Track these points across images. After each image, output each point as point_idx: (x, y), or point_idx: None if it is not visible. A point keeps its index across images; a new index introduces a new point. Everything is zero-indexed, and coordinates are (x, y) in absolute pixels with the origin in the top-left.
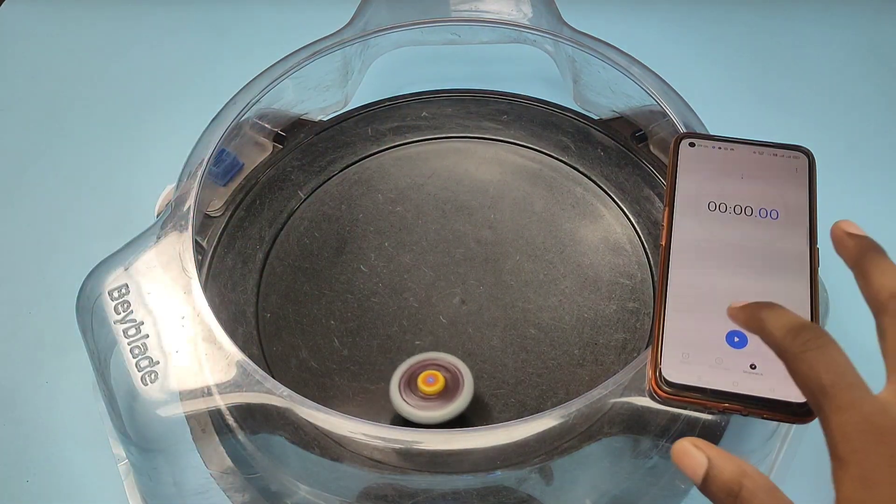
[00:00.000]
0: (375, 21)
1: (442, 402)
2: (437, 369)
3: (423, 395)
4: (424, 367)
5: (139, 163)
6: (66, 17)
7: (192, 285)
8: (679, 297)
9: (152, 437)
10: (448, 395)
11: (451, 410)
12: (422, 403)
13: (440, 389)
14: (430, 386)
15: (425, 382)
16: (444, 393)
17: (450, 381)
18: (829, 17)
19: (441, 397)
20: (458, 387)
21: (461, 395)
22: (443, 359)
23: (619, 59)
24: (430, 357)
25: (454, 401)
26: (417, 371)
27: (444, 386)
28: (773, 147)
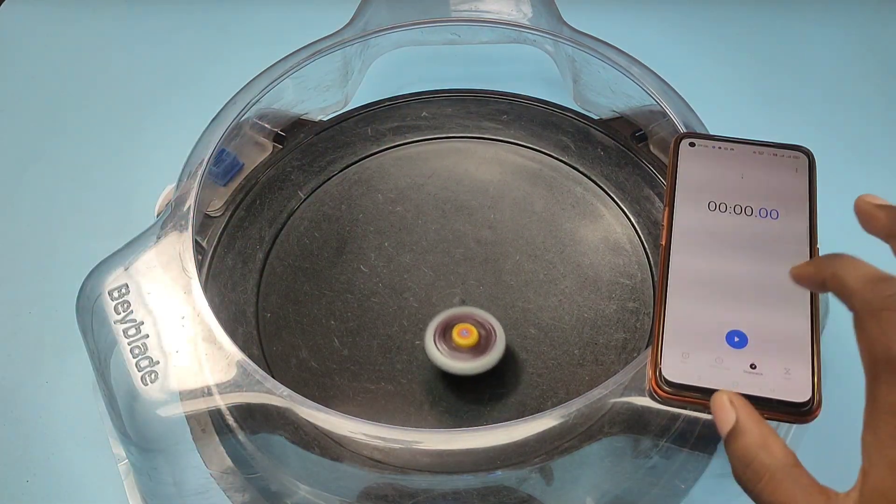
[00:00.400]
0: (375, 21)
1: (474, 354)
2: (472, 324)
3: (457, 347)
4: (460, 320)
5: (139, 163)
6: (66, 17)
7: (192, 285)
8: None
9: (152, 437)
10: (480, 350)
11: (484, 363)
12: (455, 354)
13: (474, 343)
14: (464, 339)
15: (459, 335)
16: (476, 347)
17: (483, 336)
18: (829, 17)
19: (474, 350)
20: (490, 342)
21: (493, 349)
22: (479, 315)
23: (619, 59)
24: (465, 311)
25: (486, 355)
26: (453, 323)
27: (477, 340)
28: (773, 147)
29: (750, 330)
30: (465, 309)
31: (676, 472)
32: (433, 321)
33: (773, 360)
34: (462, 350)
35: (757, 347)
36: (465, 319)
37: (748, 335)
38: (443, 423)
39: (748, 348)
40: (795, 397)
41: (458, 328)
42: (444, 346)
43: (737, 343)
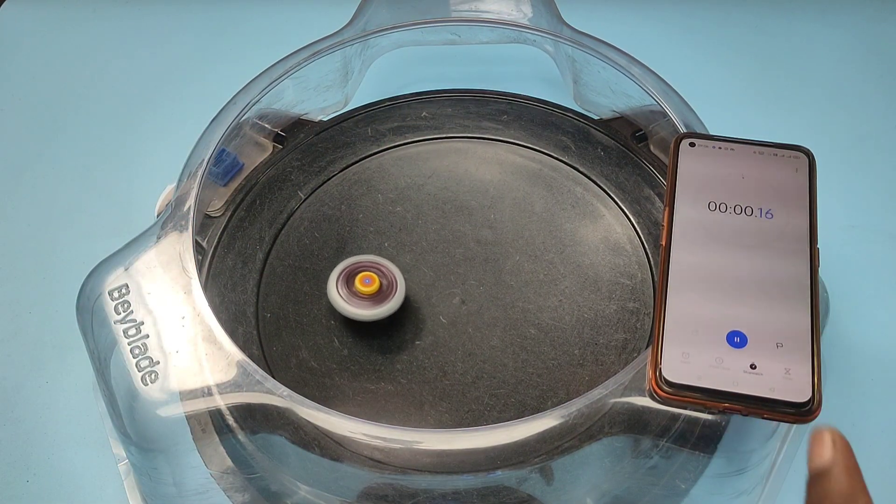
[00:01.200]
0: (375, 21)
1: (374, 302)
2: (374, 272)
3: (359, 294)
4: (363, 268)
5: (139, 163)
6: (66, 17)
7: (193, 285)
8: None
9: (152, 437)
10: (381, 298)
11: (382, 311)
12: (356, 301)
13: (375, 291)
14: (366, 286)
15: (362, 283)
16: (377, 295)
17: (384, 285)
18: (828, 17)
19: (374, 298)
20: (391, 291)
21: (393, 299)
22: (380, 263)
23: (619, 59)
24: (367, 259)
25: (385, 304)
26: (356, 271)
27: (378, 288)
28: (773, 147)
29: (750, 330)
30: (369, 257)
31: (676, 472)
32: (336, 268)
33: (773, 360)
34: (363, 297)
35: (757, 347)
36: (368, 268)
37: (748, 335)
38: (443, 423)
39: (748, 348)
40: (795, 397)
41: (361, 276)
42: (345, 292)
43: (737, 343)
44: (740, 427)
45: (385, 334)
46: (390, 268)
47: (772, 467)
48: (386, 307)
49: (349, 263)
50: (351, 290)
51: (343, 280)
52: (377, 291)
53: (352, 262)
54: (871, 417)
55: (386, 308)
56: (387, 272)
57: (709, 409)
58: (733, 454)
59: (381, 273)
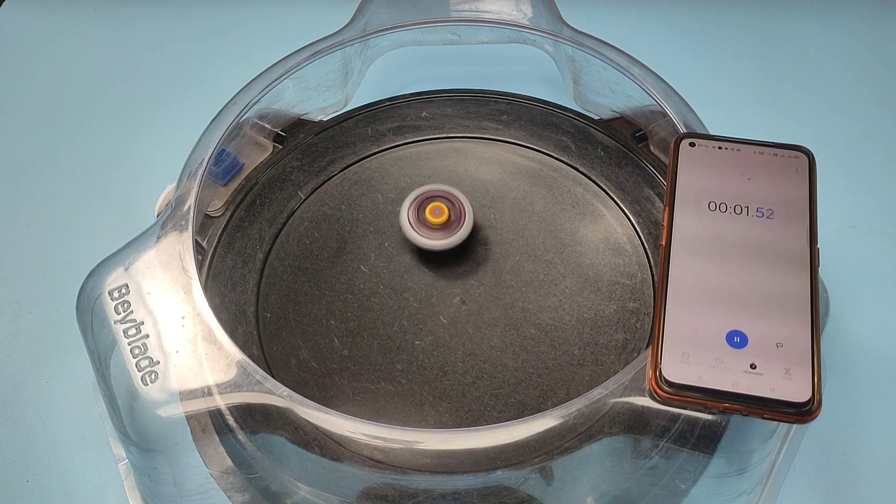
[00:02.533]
0: (375, 21)
1: (446, 232)
2: (442, 202)
3: (430, 225)
4: (431, 198)
5: (139, 163)
6: (66, 18)
7: (193, 285)
8: (679, 296)
9: (152, 437)
10: (451, 227)
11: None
12: (427, 232)
13: (444, 220)
14: (436, 217)
15: (432, 214)
16: (447, 224)
17: (453, 213)
18: (829, 18)
19: (445, 228)
20: (460, 219)
21: (463, 226)
22: (448, 191)
23: (619, 59)
24: (436, 188)
25: (456, 232)
26: (425, 202)
27: (447, 218)
28: (773, 147)
29: (750, 330)
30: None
31: (676, 472)
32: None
33: (773, 360)
34: (433, 227)
35: (757, 347)
36: (436, 198)
37: (748, 335)
38: (443, 423)
39: (748, 348)
40: (795, 397)
41: (431, 207)
42: (417, 222)
43: (737, 343)
44: (740, 427)
45: (385, 334)
46: (460, 198)
47: (772, 467)
48: (454, 237)
49: (419, 193)
50: (421, 220)
51: (414, 209)
52: (446, 222)
53: (422, 192)
54: (871, 417)
55: (454, 238)
56: (456, 202)
57: (709, 409)
58: (733, 454)
59: (450, 203)
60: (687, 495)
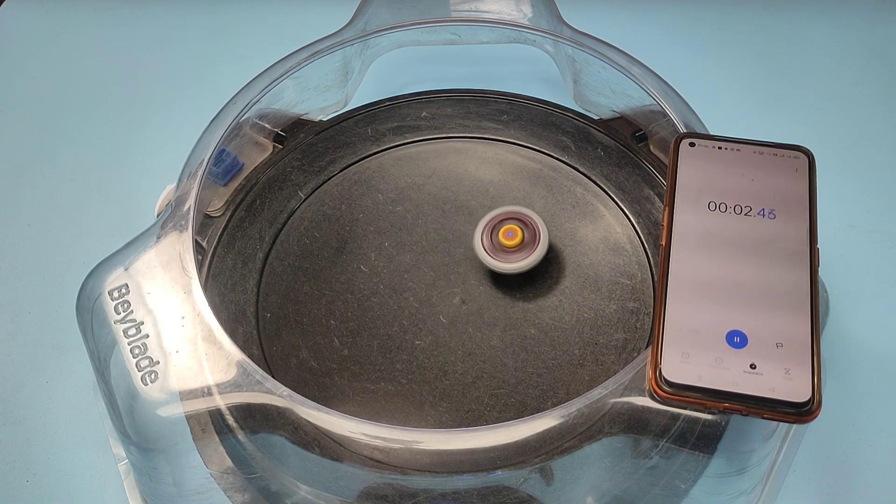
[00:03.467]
0: (375, 21)
1: (521, 253)
2: (515, 223)
3: (504, 248)
4: (504, 221)
5: (139, 163)
6: (66, 18)
7: (193, 285)
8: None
9: (152, 437)
10: (527, 248)
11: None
12: (502, 255)
13: (519, 242)
14: (510, 240)
15: (505, 236)
16: (522, 245)
17: (527, 235)
18: (829, 18)
19: (520, 249)
20: (535, 239)
21: (538, 246)
22: (521, 213)
23: (619, 59)
24: (508, 211)
25: (533, 252)
26: (498, 226)
27: (521, 239)
28: (773, 147)
29: (750, 330)
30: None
31: (676, 472)
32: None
33: (773, 360)
34: (507, 250)
35: (757, 347)
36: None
37: (748, 335)
38: (443, 423)
39: (748, 348)
40: (795, 397)
41: (504, 229)
42: (489, 245)
43: (737, 343)
44: (740, 427)
45: (385, 334)
46: (534, 219)
47: (772, 467)
48: (528, 260)
49: (493, 216)
50: (494, 243)
51: (487, 233)
52: (520, 244)
53: (496, 214)
54: (871, 417)
55: (528, 261)
56: (530, 223)
57: (709, 409)
58: (733, 454)
59: (523, 225)
60: (687, 495)
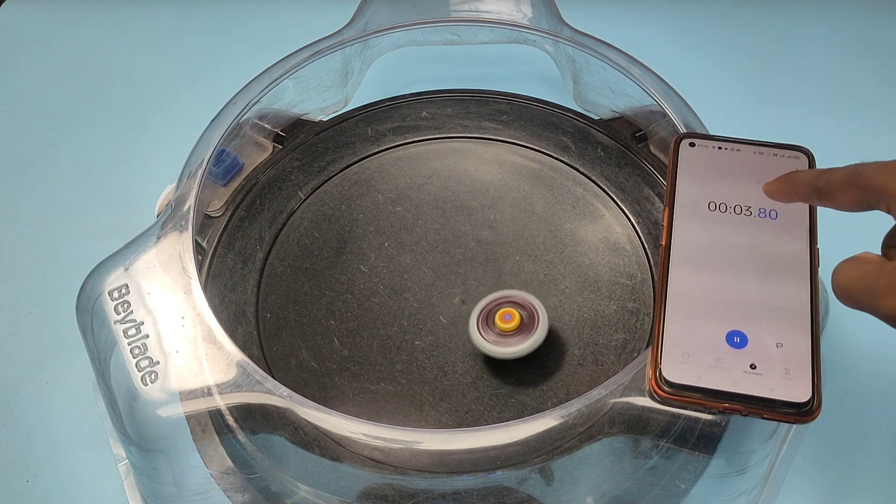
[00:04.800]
0: (375, 21)
1: (519, 337)
2: (512, 307)
3: (501, 332)
4: (500, 304)
5: (139, 163)
6: (66, 18)
7: (193, 285)
8: (679, 297)
9: (152, 437)
10: (524, 331)
11: (528, 346)
12: (499, 339)
13: (516, 326)
14: (506, 323)
15: (502, 319)
16: (520, 329)
17: (525, 317)
18: (828, 18)
19: (518, 333)
20: (533, 323)
21: (537, 330)
22: (518, 296)
23: (619, 59)
24: (505, 295)
25: (531, 336)
26: (494, 309)
27: (519, 323)
28: (773, 147)
29: (750, 330)
30: (505, 292)
31: (676, 472)
32: (475, 308)
33: (773, 360)
34: (505, 334)
35: (757, 347)
36: (504, 304)
37: (748, 335)
38: (443, 423)
39: (748, 348)
40: (795, 397)
41: (500, 313)
42: (488, 332)
43: (737, 343)
44: (740, 427)
45: (385, 334)
46: (530, 301)
47: (771, 468)
48: (529, 343)
49: (488, 301)
50: (491, 328)
51: (483, 319)
52: (518, 327)
53: (491, 300)
54: (871, 417)
55: (529, 344)
56: (526, 305)
57: (709, 409)
58: (733, 454)
59: (520, 307)
60: (687, 495)
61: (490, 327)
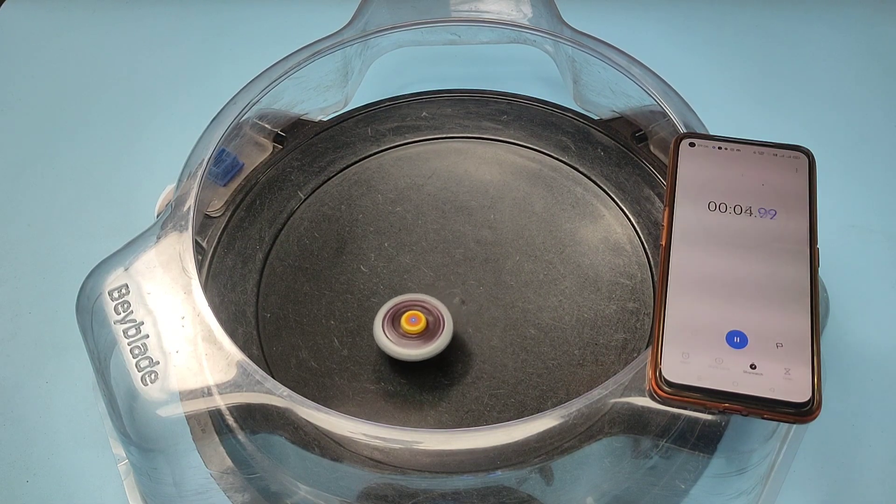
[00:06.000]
0: (375, 21)
1: (422, 341)
2: (420, 310)
3: (405, 334)
4: (408, 307)
5: (139, 163)
6: (66, 18)
7: (192, 285)
8: (679, 297)
9: (152, 437)
10: (428, 336)
11: (431, 350)
12: (403, 341)
13: (422, 329)
14: (412, 325)
15: (408, 322)
16: (424, 333)
17: (431, 322)
18: (828, 18)
19: (421, 337)
20: (438, 329)
21: (441, 336)
22: (427, 301)
23: (619, 59)
24: (414, 298)
25: (433, 342)
26: (402, 311)
27: (425, 327)
28: (773, 147)
29: (750, 330)
30: (414, 295)
31: (676, 472)
32: (382, 308)
33: (773, 360)
34: (410, 337)
35: (757, 347)
36: (413, 307)
37: (748, 335)
38: (443, 423)
39: (748, 348)
40: (795, 397)
41: (406, 315)
42: (392, 333)
43: (737, 343)
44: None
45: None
46: (437, 305)
47: (771, 467)
48: (433, 346)
49: (394, 303)
50: (398, 331)
51: (389, 320)
52: (424, 330)
53: (397, 302)
54: (871, 417)
55: (433, 347)
56: (433, 310)
57: (709, 409)
58: (733, 454)
59: (426, 311)
60: (687, 495)
61: (395, 328)
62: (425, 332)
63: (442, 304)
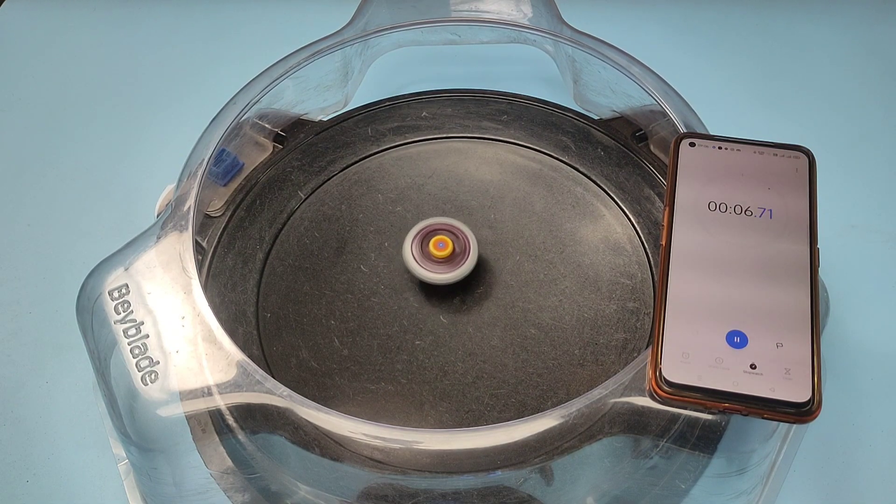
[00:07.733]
0: (375, 21)
1: (450, 265)
2: (447, 234)
3: (434, 258)
4: (435, 231)
5: (139, 163)
6: (66, 17)
7: (193, 285)
8: (679, 296)
9: (152, 437)
10: (456, 260)
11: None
12: (431, 265)
13: (449, 254)
14: (440, 250)
15: (436, 247)
16: (452, 257)
17: (457, 246)
18: (828, 18)
19: (449, 261)
20: (465, 252)
21: (468, 260)
22: (452, 225)
23: (619, 59)
24: (440, 222)
25: (461, 265)
26: (429, 235)
27: (452, 251)
28: (773, 147)
29: (750, 330)
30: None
31: (676, 473)
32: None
33: (773, 360)
34: (437, 261)
35: (757, 347)
36: (440, 231)
37: (748, 335)
38: (443, 423)
39: (748, 348)
40: (795, 397)
41: (434, 240)
42: (420, 256)
43: (737, 343)
44: (740, 427)
45: (385, 334)
46: (464, 231)
47: (771, 467)
48: (459, 271)
49: (423, 226)
50: (425, 254)
51: (417, 243)
52: (450, 255)
53: (426, 225)
54: (871, 417)
55: (459, 272)
56: (460, 235)
57: (709, 409)
58: (733, 454)
59: (454, 237)
60: (687, 495)
61: (425, 254)
62: (452, 257)
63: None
